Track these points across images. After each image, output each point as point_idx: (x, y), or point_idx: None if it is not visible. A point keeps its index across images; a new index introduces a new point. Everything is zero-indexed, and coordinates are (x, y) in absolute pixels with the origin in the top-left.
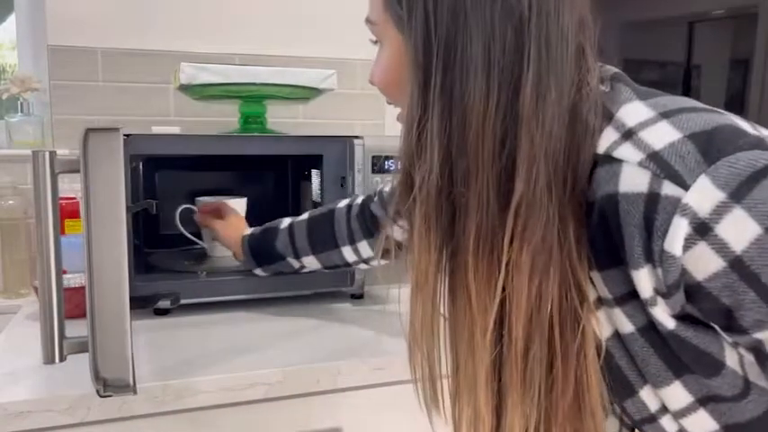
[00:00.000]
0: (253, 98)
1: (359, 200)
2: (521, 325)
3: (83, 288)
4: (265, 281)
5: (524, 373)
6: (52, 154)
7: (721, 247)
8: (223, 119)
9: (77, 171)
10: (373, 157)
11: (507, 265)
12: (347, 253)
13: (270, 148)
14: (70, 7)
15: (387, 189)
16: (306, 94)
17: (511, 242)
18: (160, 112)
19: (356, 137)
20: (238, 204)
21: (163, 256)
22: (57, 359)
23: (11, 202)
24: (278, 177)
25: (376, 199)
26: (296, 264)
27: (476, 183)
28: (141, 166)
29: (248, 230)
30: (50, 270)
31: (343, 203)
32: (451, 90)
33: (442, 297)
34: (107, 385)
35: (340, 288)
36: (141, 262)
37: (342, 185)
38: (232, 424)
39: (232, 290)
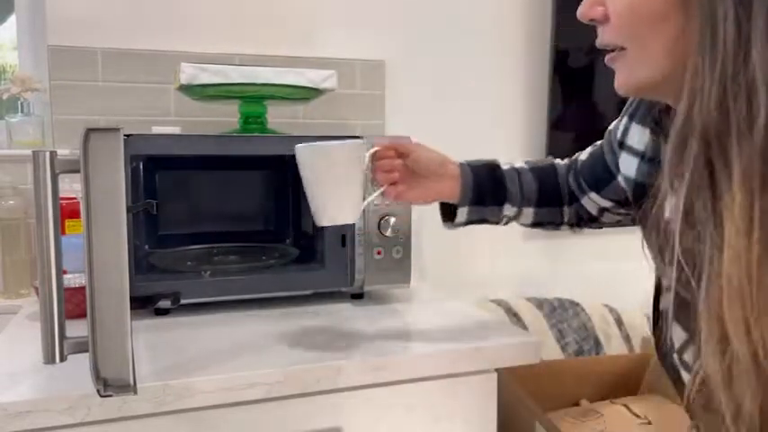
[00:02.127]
0: (253, 98)
1: (576, 161)
2: None
3: (83, 288)
4: (265, 281)
5: None
6: (53, 154)
7: None
8: (223, 119)
9: (77, 171)
10: None
11: None
12: (567, 214)
13: (270, 148)
14: (70, 7)
15: (583, 158)
16: (306, 94)
17: None
18: (160, 112)
19: (356, 137)
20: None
21: (163, 256)
22: (57, 359)
23: (11, 202)
24: (278, 177)
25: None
26: (511, 211)
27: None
28: (141, 167)
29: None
30: (51, 270)
31: (563, 163)
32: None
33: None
34: (107, 385)
35: (340, 288)
36: (141, 262)
37: None
38: (232, 424)
39: (232, 290)
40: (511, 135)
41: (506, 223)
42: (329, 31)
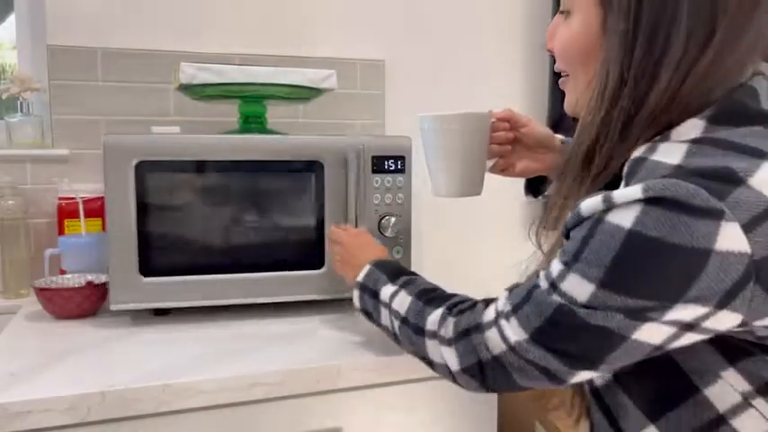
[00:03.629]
0: (253, 98)
1: None
2: None
3: (83, 288)
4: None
5: None
6: None
7: None
8: (223, 119)
9: None
10: (373, 157)
11: None
12: None
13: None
14: (70, 7)
15: None
16: (306, 94)
17: None
18: (160, 111)
19: (356, 137)
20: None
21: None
22: None
23: (11, 202)
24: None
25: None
26: None
27: None
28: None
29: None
30: None
31: None
32: (652, 59)
33: None
34: None
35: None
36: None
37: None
38: (232, 424)
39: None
40: None
41: None
42: (329, 30)
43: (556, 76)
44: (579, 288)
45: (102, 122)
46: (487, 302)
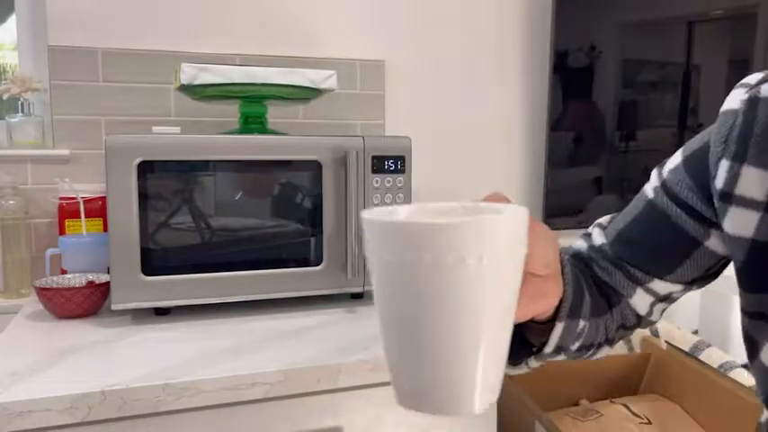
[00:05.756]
0: (253, 98)
1: (594, 246)
2: None
3: (83, 288)
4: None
5: None
6: None
7: None
8: (223, 119)
9: None
10: (373, 157)
11: None
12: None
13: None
14: (70, 7)
15: (611, 236)
16: (306, 94)
17: None
18: (160, 112)
19: (356, 137)
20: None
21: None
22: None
23: (11, 202)
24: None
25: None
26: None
27: None
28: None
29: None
30: None
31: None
32: None
33: None
34: None
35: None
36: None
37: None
38: (232, 424)
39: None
40: (511, 135)
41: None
42: (329, 31)
43: (556, 75)
44: None
45: (103, 122)
46: None
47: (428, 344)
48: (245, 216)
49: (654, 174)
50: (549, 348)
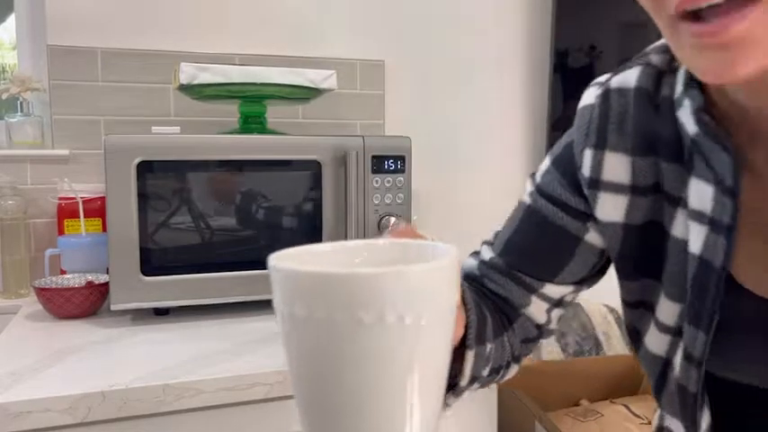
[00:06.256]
0: (253, 98)
1: (483, 261)
2: None
3: (83, 288)
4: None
5: None
6: None
7: None
8: (223, 119)
9: None
10: (373, 157)
11: None
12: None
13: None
14: (70, 7)
15: (498, 248)
16: (306, 94)
17: None
18: (160, 111)
19: (356, 137)
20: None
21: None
22: None
23: (10, 202)
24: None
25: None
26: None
27: None
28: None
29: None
30: None
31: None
32: None
33: None
34: None
35: None
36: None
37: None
38: (232, 424)
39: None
40: (511, 135)
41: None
42: (329, 31)
43: (556, 75)
44: None
45: (102, 122)
46: None
47: (348, 406)
48: (245, 216)
49: (528, 182)
50: (464, 381)
